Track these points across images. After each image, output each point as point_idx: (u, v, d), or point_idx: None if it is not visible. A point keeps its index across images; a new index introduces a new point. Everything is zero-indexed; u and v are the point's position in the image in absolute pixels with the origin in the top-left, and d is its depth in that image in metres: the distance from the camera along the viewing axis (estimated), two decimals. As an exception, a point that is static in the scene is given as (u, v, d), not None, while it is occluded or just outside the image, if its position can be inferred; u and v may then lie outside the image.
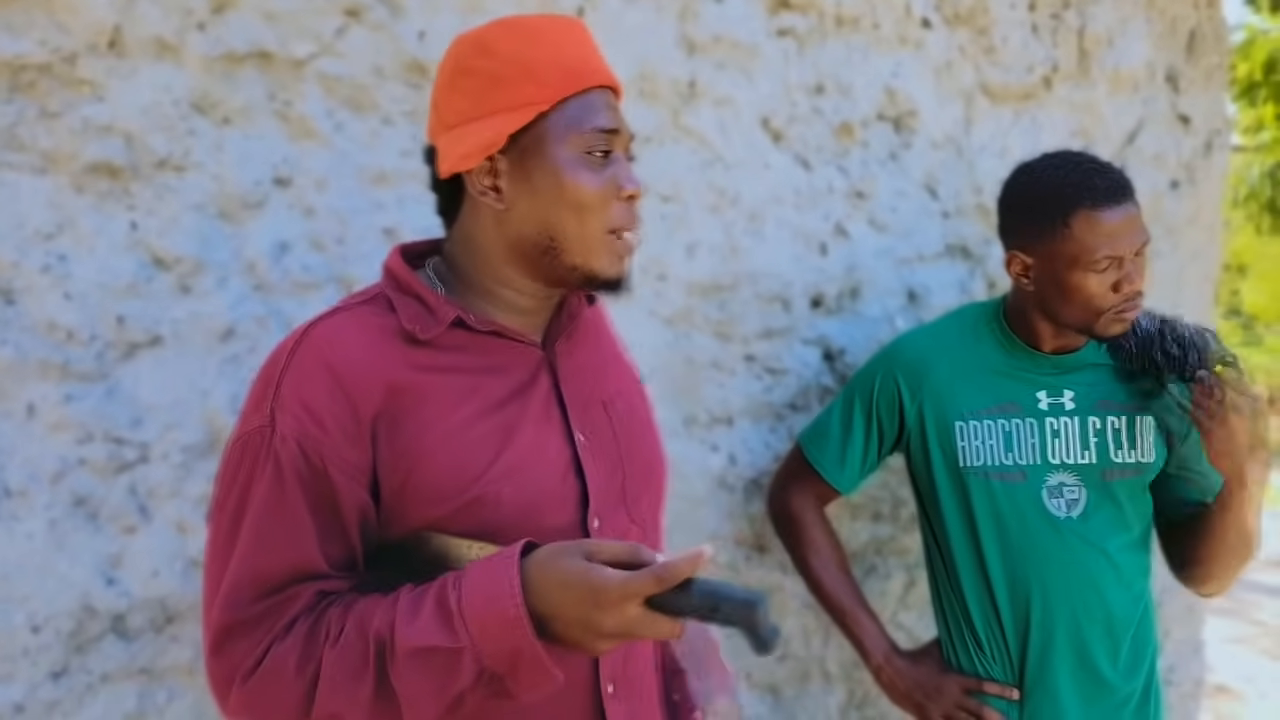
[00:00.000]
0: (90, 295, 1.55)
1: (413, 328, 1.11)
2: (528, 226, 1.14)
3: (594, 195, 1.12)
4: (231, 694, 1.05)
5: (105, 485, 1.56)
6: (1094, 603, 1.69)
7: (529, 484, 1.12)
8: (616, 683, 1.18)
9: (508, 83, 1.12)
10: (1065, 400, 1.72)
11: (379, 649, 1.00)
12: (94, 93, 1.54)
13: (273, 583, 1.05)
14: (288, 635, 1.04)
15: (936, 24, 2.18)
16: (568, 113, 1.12)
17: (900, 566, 2.23)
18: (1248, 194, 11.52)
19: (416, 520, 1.10)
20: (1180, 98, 2.51)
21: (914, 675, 1.79)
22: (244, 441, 1.08)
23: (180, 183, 1.59)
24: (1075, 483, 1.70)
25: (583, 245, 1.14)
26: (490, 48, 1.13)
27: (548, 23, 1.16)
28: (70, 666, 1.56)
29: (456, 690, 0.99)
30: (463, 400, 1.12)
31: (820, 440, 1.84)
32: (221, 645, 1.06)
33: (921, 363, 1.77)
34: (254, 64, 1.63)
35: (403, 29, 1.71)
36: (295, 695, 1.02)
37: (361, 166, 1.70)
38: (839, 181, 2.12)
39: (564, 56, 1.13)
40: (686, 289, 1.97)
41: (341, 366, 1.07)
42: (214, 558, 1.09)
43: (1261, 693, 5.11)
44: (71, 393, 1.54)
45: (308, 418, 1.06)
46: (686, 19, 1.94)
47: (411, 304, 1.14)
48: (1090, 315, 1.63)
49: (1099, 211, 1.57)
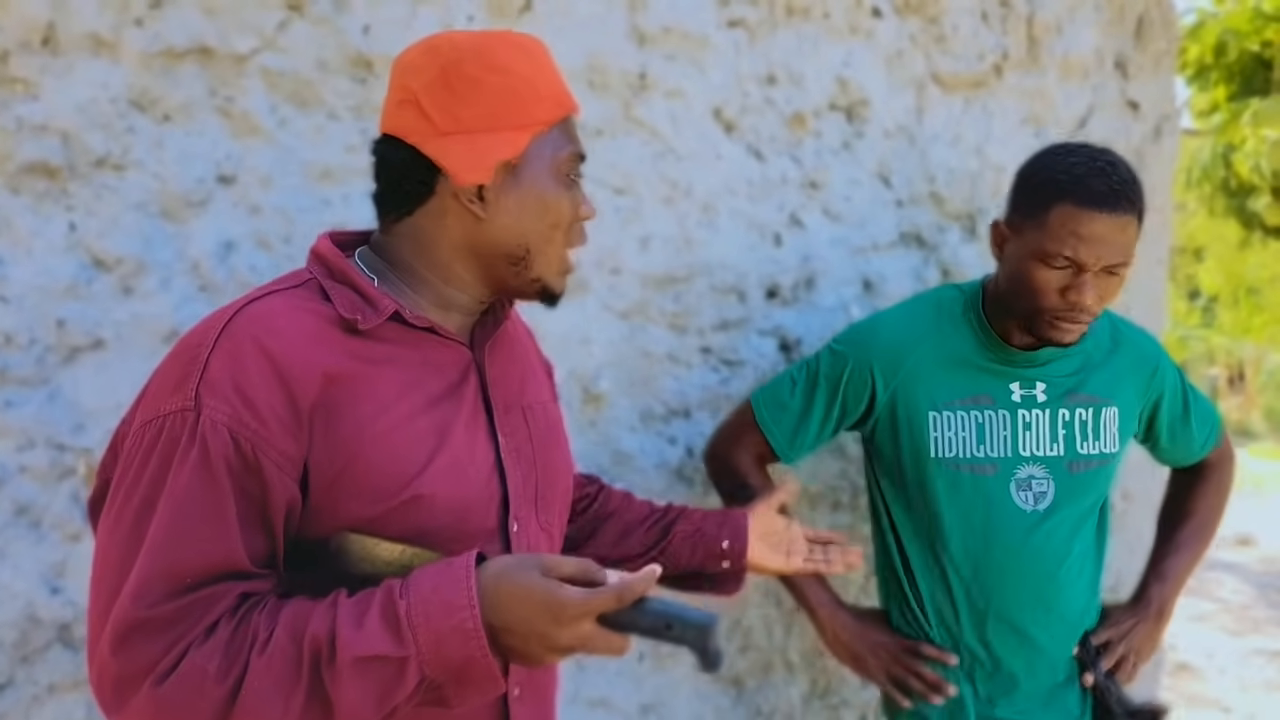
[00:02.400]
0: (29, 298, 1.52)
1: (352, 317, 1.09)
2: (505, 237, 1.16)
3: (569, 215, 1.20)
4: (134, 697, 0.97)
5: (47, 492, 1.53)
6: (1052, 596, 1.70)
7: (461, 485, 1.12)
8: (522, 686, 1.20)
9: (519, 99, 1.14)
10: (1037, 392, 1.72)
11: (314, 657, 0.97)
12: (28, 91, 1.51)
13: (190, 579, 0.99)
14: (207, 639, 0.98)
15: (887, 13, 2.18)
16: (554, 135, 1.18)
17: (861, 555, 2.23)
18: (1200, 175, 11.67)
19: (345, 517, 1.06)
20: (1129, 84, 2.53)
21: (857, 628, 1.80)
22: (160, 424, 1.01)
23: (120, 182, 1.56)
24: (1044, 475, 1.71)
25: (548, 261, 1.19)
26: (496, 61, 1.14)
27: (535, 44, 1.20)
28: (16, 678, 1.53)
29: (398, 699, 0.97)
30: (401, 395, 1.11)
31: (776, 410, 1.80)
32: (125, 643, 0.97)
33: (897, 350, 1.74)
34: (194, 60, 1.60)
35: (347, 23, 1.69)
36: (213, 703, 0.96)
37: (307, 163, 1.68)
38: (792, 172, 2.12)
39: (555, 80, 1.20)
40: (641, 282, 1.96)
41: (279, 353, 1.03)
42: (114, 548, 1.01)
43: (1221, 669, 5.21)
44: (11, 398, 1.51)
45: (242, 405, 1.01)
46: (636, 10, 1.93)
47: (347, 293, 1.12)
48: (1031, 309, 1.61)
49: (1080, 211, 1.52)
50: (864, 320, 1.86)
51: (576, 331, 1.92)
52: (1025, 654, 1.72)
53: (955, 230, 2.31)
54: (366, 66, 1.70)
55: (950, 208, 2.28)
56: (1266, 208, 10.92)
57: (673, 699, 2.06)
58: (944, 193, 2.27)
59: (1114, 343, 1.77)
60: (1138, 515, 2.52)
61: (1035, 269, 1.58)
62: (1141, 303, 2.56)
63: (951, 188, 2.28)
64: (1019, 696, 1.74)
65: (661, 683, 2.05)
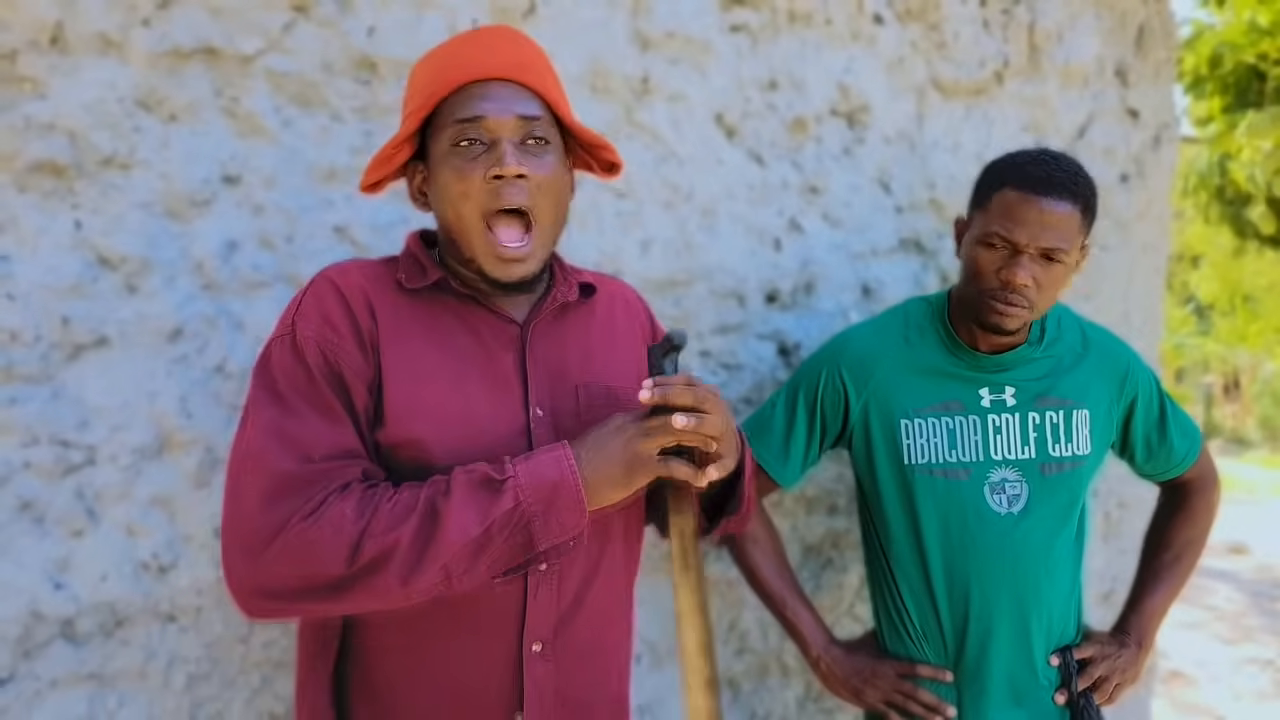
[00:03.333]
0: (34, 296, 1.52)
1: (402, 278, 1.29)
2: (441, 223, 1.29)
3: (458, 183, 1.23)
4: (277, 540, 1.12)
5: (51, 488, 1.54)
6: (1031, 598, 1.72)
7: (468, 440, 1.24)
8: (546, 644, 1.27)
9: (421, 87, 1.27)
10: (1007, 397, 1.74)
11: (431, 493, 1.16)
12: (36, 90, 1.52)
13: (317, 454, 1.17)
14: (344, 492, 1.16)
15: (888, 20, 2.19)
16: (442, 112, 1.26)
17: (856, 559, 2.24)
18: (1197, 183, 11.69)
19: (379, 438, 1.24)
20: (1129, 92, 2.55)
21: (850, 663, 1.81)
22: (270, 347, 1.23)
23: (126, 181, 1.57)
24: (1017, 478, 1.73)
25: (466, 238, 1.26)
26: (427, 58, 1.30)
27: (461, 38, 1.29)
28: (18, 673, 1.53)
29: (494, 515, 1.14)
30: (426, 349, 1.26)
31: (763, 434, 1.83)
32: (271, 499, 1.14)
33: (867, 360, 1.78)
34: (200, 60, 1.61)
35: (351, 25, 1.70)
36: (346, 539, 1.12)
37: (311, 164, 1.69)
38: (792, 177, 2.13)
39: (451, 62, 1.26)
40: (641, 285, 1.97)
41: (347, 289, 1.26)
42: (257, 430, 1.18)
43: (1214, 677, 5.21)
44: (16, 395, 1.52)
45: (325, 324, 1.22)
46: (639, 15, 1.94)
47: (410, 263, 1.31)
48: (973, 294, 1.67)
49: (1018, 194, 1.59)
50: (836, 335, 1.89)
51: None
52: (1005, 656, 1.73)
53: (954, 236, 2.32)
54: (371, 68, 1.71)
55: (950, 214, 2.29)
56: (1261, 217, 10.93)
57: (670, 699, 2.07)
58: (944, 199, 2.28)
59: (1084, 347, 1.79)
60: (1134, 522, 2.54)
61: (977, 252, 1.65)
62: (1140, 310, 2.58)
63: (951, 194, 2.29)
64: (998, 699, 1.74)
65: (659, 682, 2.05)
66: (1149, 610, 1.88)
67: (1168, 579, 1.90)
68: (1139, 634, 1.86)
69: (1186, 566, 1.92)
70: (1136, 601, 1.90)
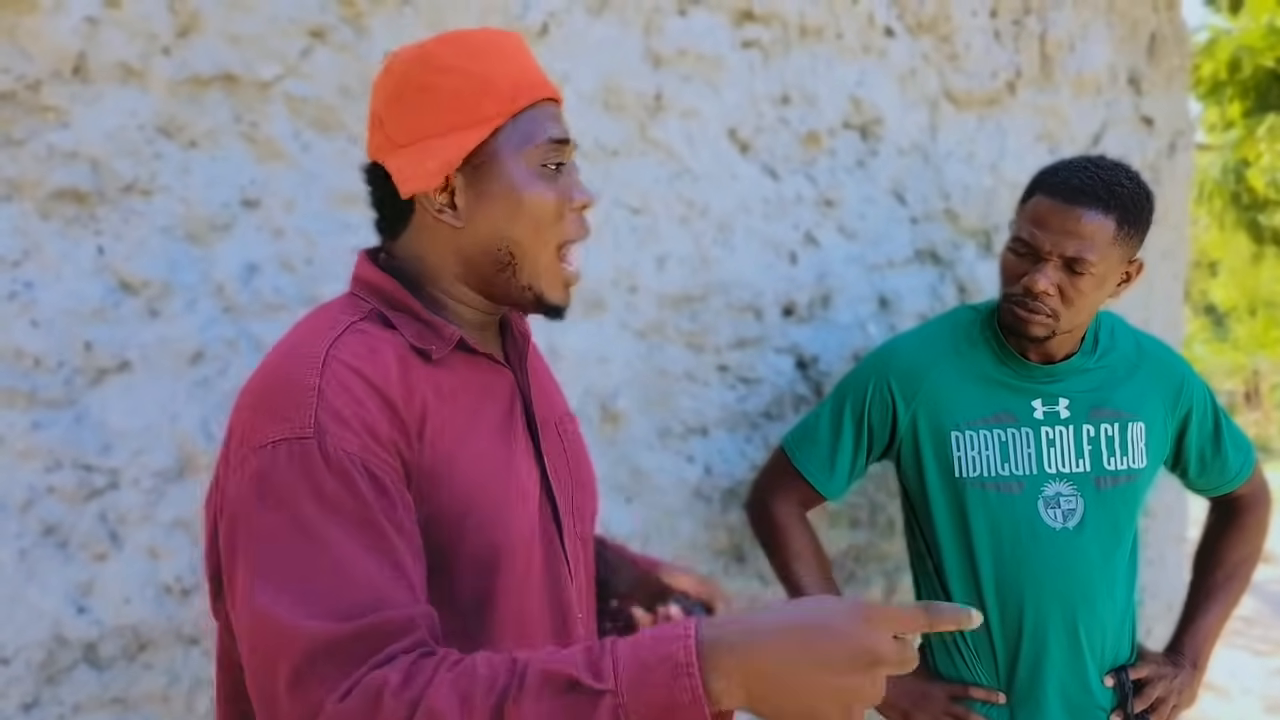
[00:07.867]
0: (57, 321, 1.54)
1: (425, 347, 1.09)
2: (486, 242, 1.13)
3: (551, 207, 1.12)
4: None
5: (75, 513, 1.55)
6: (1086, 616, 1.68)
7: (527, 511, 1.12)
8: (585, 612, 1.22)
9: (465, 98, 1.10)
10: (1060, 408, 1.70)
11: (504, 683, 0.86)
12: (59, 119, 1.53)
13: (364, 597, 0.92)
14: (388, 662, 0.89)
15: (899, 32, 2.20)
16: (521, 126, 1.12)
17: (879, 573, 2.23)
18: (1212, 189, 11.65)
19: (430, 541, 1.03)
20: (1143, 100, 2.54)
21: (900, 683, 1.75)
22: (275, 455, 0.96)
23: (147, 206, 1.58)
24: (1071, 492, 1.68)
25: (536, 263, 1.13)
26: (442, 63, 1.11)
27: (489, 36, 1.15)
28: (42, 698, 1.54)
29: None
30: (471, 426, 1.10)
31: (808, 446, 1.80)
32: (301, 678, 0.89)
33: (916, 371, 1.74)
34: (219, 86, 1.62)
35: (367, 49, 1.71)
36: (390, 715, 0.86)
37: (330, 187, 1.70)
38: (807, 190, 2.13)
39: (513, 69, 1.13)
40: (658, 301, 1.98)
41: (382, 384, 1.02)
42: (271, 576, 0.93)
43: (1245, 689, 5.15)
44: (39, 420, 1.53)
45: (369, 437, 0.99)
46: (651, 32, 1.95)
47: (410, 321, 1.11)
48: (1002, 299, 1.67)
49: (1049, 201, 1.58)
50: (882, 344, 1.86)
51: (594, 350, 1.93)
52: (1058, 674, 1.69)
53: (970, 247, 2.32)
54: (387, 91, 1.73)
55: (965, 224, 2.29)
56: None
57: None
58: (959, 209, 2.28)
59: (1138, 358, 1.75)
60: (1159, 531, 2.52)
61: (1006, 257, 1.65)
62: (1161, 317, 2.57)
63: (966, 205, 2.29)
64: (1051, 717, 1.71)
65: None
66: (1203, 630, 1.84)
67: (1221, 598, 1.86)
68: (1193, 654, 1.82)
69: (1239, 585, 1.88)
70: (1190, 621, 1.86)
